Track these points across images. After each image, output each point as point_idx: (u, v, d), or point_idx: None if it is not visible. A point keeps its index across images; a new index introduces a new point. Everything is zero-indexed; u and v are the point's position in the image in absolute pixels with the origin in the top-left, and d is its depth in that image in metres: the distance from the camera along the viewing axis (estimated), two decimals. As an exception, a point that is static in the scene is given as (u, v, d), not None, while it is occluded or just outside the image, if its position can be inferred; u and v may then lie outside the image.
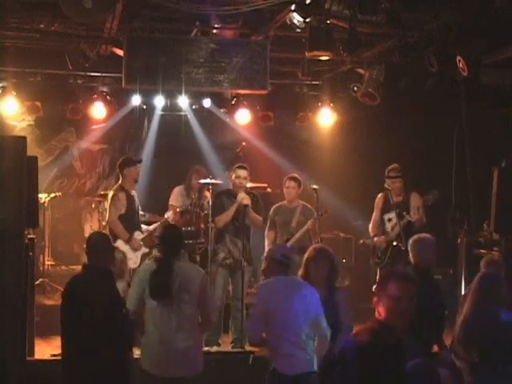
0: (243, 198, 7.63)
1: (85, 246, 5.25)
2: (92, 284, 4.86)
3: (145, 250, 8.05)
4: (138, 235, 8.00)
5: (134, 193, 8.20)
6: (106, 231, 8.04)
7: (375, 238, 8.20)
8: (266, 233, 8.36)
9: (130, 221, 7.95)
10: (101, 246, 5.05)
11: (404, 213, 7.93)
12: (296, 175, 8.37)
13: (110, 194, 8.11)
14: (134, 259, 7.93)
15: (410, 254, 6.08)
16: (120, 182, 8.15)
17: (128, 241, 7.89)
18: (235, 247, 7.67)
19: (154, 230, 8.23)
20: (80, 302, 4.81)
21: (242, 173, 7.77)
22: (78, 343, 4.80)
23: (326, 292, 5.38)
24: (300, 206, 8.27)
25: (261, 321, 5.18)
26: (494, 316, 4.93)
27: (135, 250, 7.93)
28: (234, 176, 7.81)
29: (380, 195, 8.27)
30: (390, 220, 8.11)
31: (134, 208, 8.11)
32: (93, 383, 4.80)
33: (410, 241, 6.14)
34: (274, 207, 8.40)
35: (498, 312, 4.96)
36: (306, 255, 5.56)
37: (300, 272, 5.47)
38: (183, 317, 5.20)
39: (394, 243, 7.90)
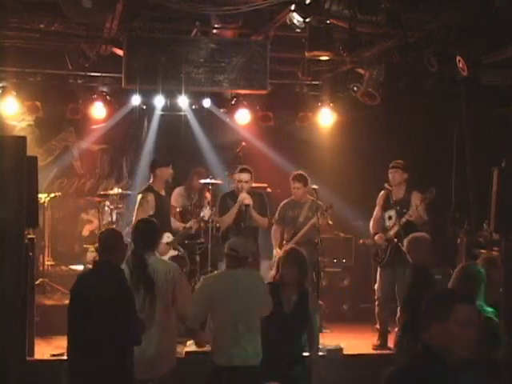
0: (244, 198, 7.63)
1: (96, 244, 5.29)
2: (98, 281, 4.86)
3: (173, 252, 7.83)
4: (167, 237, 7.77)
5: (163, 193, 8.07)
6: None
7: (376, 236, 8.18)
8: (272, 228, 8.37)
9: (158, 222, 7.76)
10: (111, 242, 5.03)
11: (404, 210, 7.94)
12: (300, 173, 8.33)
13: (139, 196, 7.92)
14: None
15: (407, 254, 6.13)
16: (150, 182, 8.03)
17: None
18: None
19: (187, 228, 8.12)
20: (85, 300, 4.80)
21: (244, 176, 7.75)
22: (83, 341, 4.80)
23: (296, 294, 5.40)
24: (309, 201, 8.27)
25: (200, 310, 5.27)
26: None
27: (161, 255, 7.49)
28: (236, 179, 7.80)
29: (382, 192, 8.25)
30: (390, 218, 8.10)
31: (165, 209, 7.96)
32: (96, 382, 4.79)
33: (405, 241, 6.19)
34: (283, 203, 8.45)
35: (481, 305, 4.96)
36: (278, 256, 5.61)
37: (272, 272, 5.52)
38: (145, 316, 5.19)
39: (395, 240, 7.88)
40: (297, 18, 6.83)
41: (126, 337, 4.80)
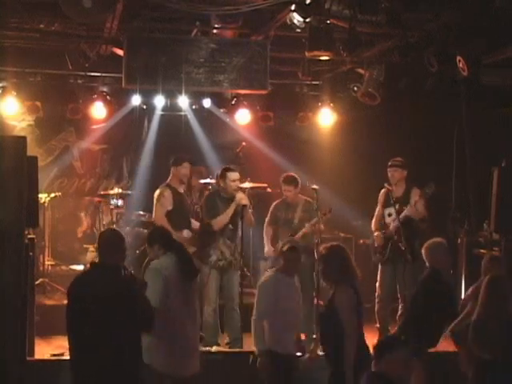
0: (241, 199, 7.59)
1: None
2: (95, 281, 4.85)
3: (193, 248, 7.67)
4: (187, 234, 7.76)
5: (181, 190, 8.03)
6: None
7: (375, 234, 8.15)
8: (264, 229, 8.30)
9: (177, 218, 7.75)
10: (109, 242, 5.01)
11: (404, 208, 7.93)
12: (290, 175, 8.24)
13: (156, 192, 7.91)
14: None
15: (425, 258, 6.19)
16: (168, 180, 8.00)
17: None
18: (227, 249, 7.65)
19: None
20: (82, 300, 4.80)
21: (236, 175, 7.71)
22: (82, 342, 4.79)
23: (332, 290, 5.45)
24: (302, 201, 8.19)
25: None
26: (507, 315, 4.99)
27: None
28: (228, 180, 7.68)
29: (383, 190, 8.21)
30: (390, 215, 8.07)
31: (183, 205, 7.94)
32: (96, 383, 4.79)
33: (423, 247, 6.34)
34: (275, 203, 8.37)
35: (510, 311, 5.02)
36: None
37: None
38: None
39: (395, 237, 7.86)
40: (297, 18, 6.83)
41: (129, 335, 4.79)
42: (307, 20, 6.76)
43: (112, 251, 4.94)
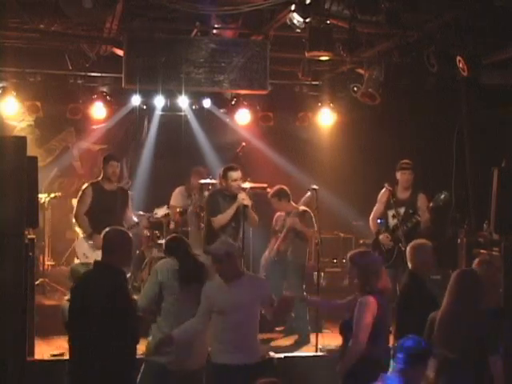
0: (244, 199, 7.54)
1: None
2: (94, 282, 4.85)
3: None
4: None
5: (113, 188, 7.98)
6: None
7: (381, 236, 8.05)
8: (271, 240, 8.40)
9: (97, 216, 7.72)
10: (113, 242, 5.01)
11: (410, 211, 7.90)
12: (275, 191, 8.29)
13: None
14: (93, 258, 7.44)
15: (408, 260, 6.02)
16: (99, 177, 8.07)
17: (88, 237, 7.72)
18: None
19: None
20: (81, 300, 4.81)
21: (237, 174, 7.60)
22: (81, 342, 4.79)
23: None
24: (295, 211, 8.18)
25: None
26: (474, 314, 4.91)
27: (97, 248, 7.49)
28: (229, 180, 7.59)
29: (384, 190, 8.15)
30: (394, 217, 8.00)
31: (106, 204, 7.83)
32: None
33: (408, 248, 6.08)
34: (276, 215, 8.43)
35: (478, 310, 4.94)
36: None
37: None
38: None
39: (400, 244, 7.81)
40: (297, 18, 6.83)
41: (125, 336, 4.79)
42: (307, 20, 6.76)
43: (114, 252, 4.94)
